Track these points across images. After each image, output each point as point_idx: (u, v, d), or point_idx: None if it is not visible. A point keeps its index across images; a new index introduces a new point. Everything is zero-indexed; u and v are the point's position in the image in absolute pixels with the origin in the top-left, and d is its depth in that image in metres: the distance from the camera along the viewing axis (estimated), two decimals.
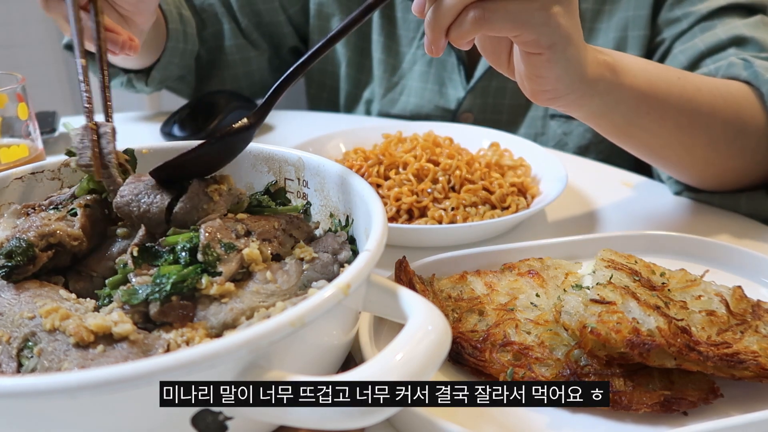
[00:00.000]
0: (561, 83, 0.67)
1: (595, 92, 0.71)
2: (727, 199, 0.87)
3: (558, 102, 0.70)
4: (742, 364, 0.52)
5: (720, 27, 0.96)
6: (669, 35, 1.04)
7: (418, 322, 0.41)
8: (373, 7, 0.59)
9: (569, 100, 0.70)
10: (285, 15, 1.29)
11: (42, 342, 0.45)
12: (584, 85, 0.69)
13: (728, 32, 0.94)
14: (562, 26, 0.63)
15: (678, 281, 0.64)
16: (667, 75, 0.79)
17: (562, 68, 0.66)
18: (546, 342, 0.57)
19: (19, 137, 0.90)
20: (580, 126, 1.17)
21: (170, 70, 1.19)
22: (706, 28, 0.98)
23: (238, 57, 1.28)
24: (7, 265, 0.51)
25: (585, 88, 0.69)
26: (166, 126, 1.15)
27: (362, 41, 1.30)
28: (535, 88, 0.69)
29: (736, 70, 0.87)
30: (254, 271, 0.51)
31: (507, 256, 0.70)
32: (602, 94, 0.72)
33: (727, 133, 0.82)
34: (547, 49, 0.64)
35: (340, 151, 0.98)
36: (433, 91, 1.24)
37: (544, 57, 0.65)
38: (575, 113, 0.75)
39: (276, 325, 0.39)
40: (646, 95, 0.75)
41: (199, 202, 0.55)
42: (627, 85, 0.73)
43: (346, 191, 0.60)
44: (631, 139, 0.81)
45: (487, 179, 0.86)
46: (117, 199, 0.56)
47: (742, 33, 0.93)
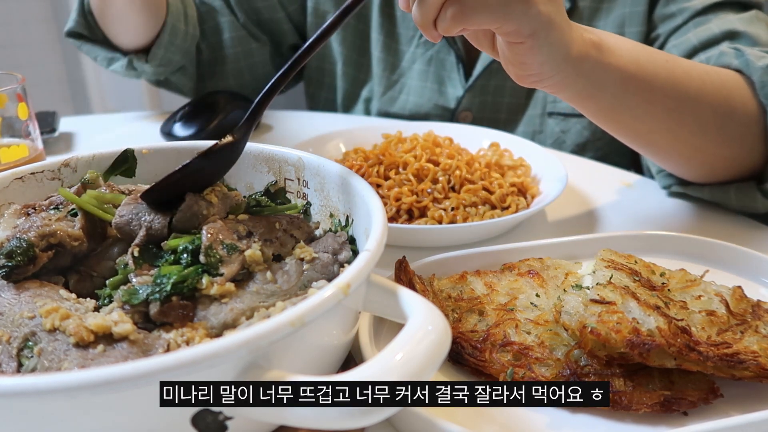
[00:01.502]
0: (545, 67, 0.67)
1: (580, 72, 0.70)
2: (717, 192, 0.86)
3: (543, 83, 0.70)
4: (742, 364, 0.52)
5: (714, 21, 0.96)
6: (664, 31, 1.04)
7: (418, 322, 0.41)
8: (346, 12, 0.59)
9: (555, 80, 0.70)
10: (284, 12, 1.30)
11: (42, 342, 0.45)
12: (569, 65, 0.68)
13: (721, 26, 0.94)
14: (542, 13, 0.63)
15: (678, 281, 0.64)
16: (654, 57, 0.78)
17: (546, 53, 0.65)
18: (546, 342, 0.57)
19: (19, 137, 0.90)
20: (577, 124, 1.17)
21: (171, 51, 1.18)
22: (700, 23, 0.98)
23: (239, 50, 1.28)
24: (8, 265, 0.51)
25: (570, 68, 0.69)
26: (166, 126, 1.15)
27: (361, 39, 1.30)
28: (519, 73, 0.69)
29: (728, 59, 0.86)
30: (255, 272, 0.51)
31: (507, 256, 0.70)
32: (588, 73, 0.71)
33: (716, 119, 0.81)
34: (529, 37, 0.64)
35: (339, 151, 0.98)
36: (433, 90, 1.24)
37: (526, 45, 0.64)
38: (561, 94, 0.74)
39: (276, 325, 0.39)
40: (632, 75, 0.74)
41: (198, 209, 0.55)
42: (613, 65, 0.72)
43: (346, 191, 0.60)
44: (619, 123, 0.80)
45: (487, 179, 0.86)
46: (116, 219, 0.55)
47: (735, 27, 0.93)
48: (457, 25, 0.61)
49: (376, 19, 1.26)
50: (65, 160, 0.66)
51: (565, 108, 1.17)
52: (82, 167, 0.66)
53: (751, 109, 0.82)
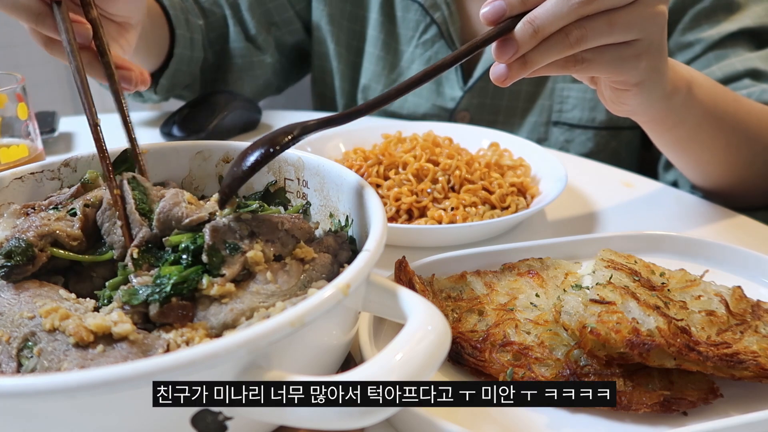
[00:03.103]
0: (642, 106, 0.71)
1: (670, 106, 0.74)
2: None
3: (636, 117, 0.76)
4: (742, 364, 0.52)
5: (734, 57, 1.00)
6: (681, 60, 1.07)
7: (417, 322, 0.41)
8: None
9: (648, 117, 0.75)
10: (293, 11, 1.31)
11: (42, 342, 0.45)
12: (663, 102, 0.72)
13: (744, 64, 0.98)
14: (651, 66, 0.66)
15: (678, 281, 0.64)
16: (725, 95, 0.83)
17: (646, 97, 0.69)
18: (546, 342, 0.57)
19: (18, 137, 0.90)
20: (582, 135, 1.18)
21: (178, 78, 1.19)
22: (720, 56, 1.01)
23: (242, 61, 1.29)
24: (7, 264, 0.51)
25: (663, 104, 0.73)
26: (165, 126, 1.15)
27: (357, 41, 1.30)
28: (616, 109, 0.73)
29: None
30: (255, 272, 0.51)
31: (507, 256, 0.70)
32: (677, 107, 0.75)
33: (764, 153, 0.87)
34: (635, 86, 0.68)
35: (339, 151, 0.98)
36: (431, 90, 1.25)
37: (630, 92, 0.68)
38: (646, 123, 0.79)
39: (276, 325, 0.39)
40: (710, 111, 0.79)
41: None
42: (697, 101, 0.77)
43: (345, 191, 0.60)
44: (686, 153, 0.85)
45: (486, 179, 0.86)
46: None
47: (756, 66, 0.98)
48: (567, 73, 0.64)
49: (377, 19, 1.26)
50: (65, 160, 0.66)
51: (571, 118, 1.18)
52: (82, 167, 0.66)
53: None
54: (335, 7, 1.29)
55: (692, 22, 1.05)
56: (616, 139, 1.18)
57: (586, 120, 1.17)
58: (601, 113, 1.16)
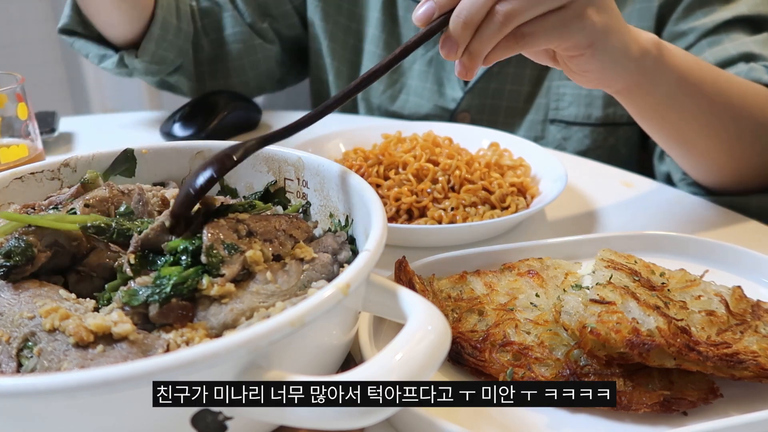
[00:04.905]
0: (607, 72, 0.70)
1: (642, 69, 0.72)
2: (737, 202, 0.88)
3: (609, 88, 0.74)
4: (742, 364, 0.52)
5: (727, 42, 0.98)
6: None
7: (417, 322, 0.41)
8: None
9: (619, 86, 0.73)
10: (291, 5, 1.30)
11: (42, 342, 0.45)
12: (633, 64, 0.71)
13: (738, 48, 0.96)
14: (597, 23, 0.65)
15: (678, 281, 0.64)
16: (701, 63, 0.81)
17: (607, 59, 0.68)
18: (546, 342, 0.57)
19: (18, 137, 0.90)
20: (579, 132, 1.18)
21: (164, 48, 1.15)
22: (714, 42, 0.99)
23: (242, 46, 1.27)
24: (6, 264, 0.51)
25: (633, 67, 0.71)
26: (165, 126, 1.15)
27: (354, 39, 1.30)
28: (582, 80, 0.72)
29: (758, 74, 0.89)
30: (255, 272, 0.51)
31: (507, 256, 0.70)
32: (649, 70, 0.73)
33: (752, 127, 0.84)
34: (587, 48, 0.66)
35: (339, 151, 0.98)
36: (432, 91, 1.25)
37: (586, 55, 0.67)
38: (618, 94, 0.77)
39: (275, 325, 0.39)
40: (685, 76, 0.77)
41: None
42: (670, 63, 0.75)
43: (345, 191, 0.60)
44: (664, 122, 0.82)
45: (486, 179, 0.86)
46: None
47: (751, 49, 0.95)
48: (516, 51, 0.63)
49: (379, 18, 1.26)
50: (65, 160, 0.65)
51: (568, 115, 1.18)
52: (82, 167, 0.66)
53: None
54: (330, 3, 1.28)
55: (686, 11, 1.03)
56: (613, 135, 1.18)
57: (582, 117, 1.17)
58: (597, 110, 1.16)
